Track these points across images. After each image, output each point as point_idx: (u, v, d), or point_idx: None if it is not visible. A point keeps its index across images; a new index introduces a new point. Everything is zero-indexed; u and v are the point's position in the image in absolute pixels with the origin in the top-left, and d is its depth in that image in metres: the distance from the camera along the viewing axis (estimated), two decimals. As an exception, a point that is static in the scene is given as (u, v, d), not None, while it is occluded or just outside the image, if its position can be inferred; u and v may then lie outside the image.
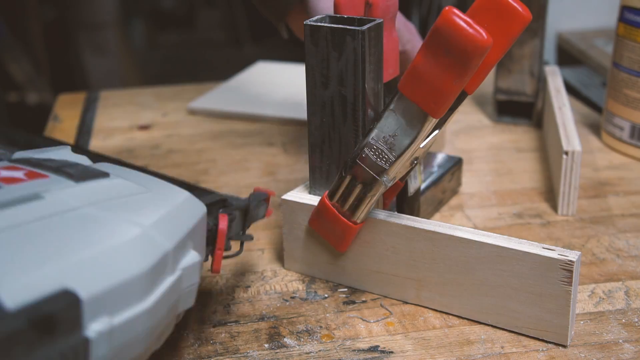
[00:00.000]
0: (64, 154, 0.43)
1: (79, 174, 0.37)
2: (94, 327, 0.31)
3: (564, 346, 0.45)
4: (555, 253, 0.44)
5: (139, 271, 0.33)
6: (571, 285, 0.43)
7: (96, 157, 0.50)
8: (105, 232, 0.33)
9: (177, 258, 0.37)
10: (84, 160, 0.43)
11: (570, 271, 0.43)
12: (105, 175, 0.39)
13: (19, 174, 0.37)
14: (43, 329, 0.28)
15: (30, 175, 0.36)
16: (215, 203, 0.46)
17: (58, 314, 0.29)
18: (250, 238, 0.50)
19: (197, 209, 0.40)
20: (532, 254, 0.44)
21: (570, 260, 0.43)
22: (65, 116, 0.91)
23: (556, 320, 0.44)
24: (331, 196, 0.49)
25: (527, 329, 0.46)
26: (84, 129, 0.86)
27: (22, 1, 1.87)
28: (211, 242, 0.45)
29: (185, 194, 0.40)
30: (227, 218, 0.45)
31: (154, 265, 0.34)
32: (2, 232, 0.31)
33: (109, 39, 2.02)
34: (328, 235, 0.50)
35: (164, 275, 0.35)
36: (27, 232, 0.32)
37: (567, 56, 1.22)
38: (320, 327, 0.48)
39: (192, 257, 0.39)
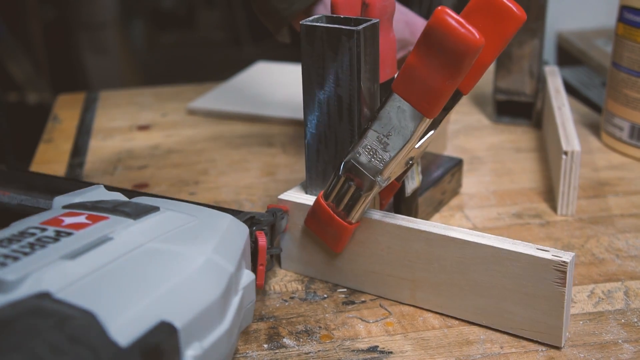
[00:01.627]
0: (101, 194, 0.46)
1: (135, 212, 0.41)
2: (190, 353, 0.34)
3: (559, 348, 0.45)
4: (549, 254, 0.43)
5: (216, 296, 0.36)
6: (565, 287, 0.43)
7: (128, 192, 0.52)
8: (176, 264, 0.36)
9: (238, 279, 0.40)
10: (119, 196, 0.46)
11: (564, 272, 0.43)
12: (156, 209, 0.42)
13: (81, 219, 0.39)
14: (155, 356, 0.32)
15: (93, 219, 0.39)
16: (246, 221, 0.48)
17: (162, 345, 0.32)
18: (280, 250, 0.52)
19: (242, 229, 0.43)
20: (526, 255, 0.44)
21: (564, 261, 0.43)
22: (65, 116, 0.91)
23: (550, 322, 0.44)
24: (326, 196, 0.49)
25: (521, 330, 0.46)
26: (84, 129, 0.86)
27: (22, 1, 1.87)
28: (252, 258, 0.46)
29: (228, 217, 0.43)
30: (264, 234, 0.47)
31: (225, 289, 0.37)
32: (88, 276, 0.34)
33: (109, 39, 2.02)
34: (324, 235, 0.50)
35: (231, 296, 0.38)
36: (110, 273, 0.35)
37: (567, 56, 1.22)
38: (320, 327, 0.48)
39: (248, 276, 0.42)
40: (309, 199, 0.52)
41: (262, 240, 0.46)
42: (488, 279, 0.46)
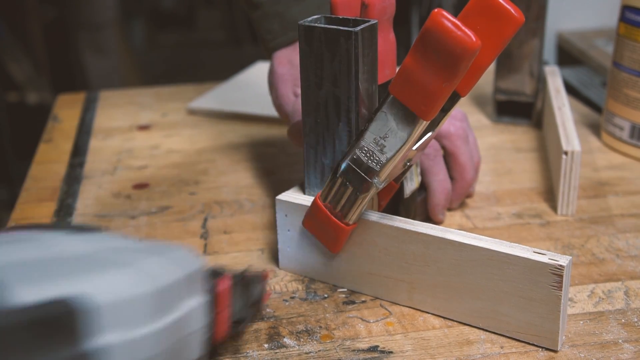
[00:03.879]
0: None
1: (74, 228, 0.38)
2: (104, 339, 0.31)
3: (555, 351, 0.45)
4: (545, 257, 0.43)
5: (141, 293, 0.33)
6: (561, 290, 0.43)
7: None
8: (104, 265, 0.34)
9: (178, 296, 0.37)
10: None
11: (561, 276, 0.43)
12: (98, 229, 0.39)
13: (13, 232, 0.37)
14: (43, 332, 0.29)
15: (26, 230, 0.37)
16: (213, 272, 0.43)
17: (61, 319, 0.30)
18: (246, 322, 0.46)
19: (194, 259, 0.40)
20: (523, 258, 0.44)
21: (561, 265, 0.43)
22: (65, 116, 0.91)
23: (546, 325, 0.44)
24: (324, 197, 0.49)
25: (517, 333, 0.46)
26: (84, 129, 0.86)
27: (22, 1, 1.87)
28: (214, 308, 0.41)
29: (181, 247, 0.40)
30: (229, 279, 0.42)
31: (151, 292, 0.34)
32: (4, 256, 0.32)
33: (109, 39, 2.02)
34: (321, 236, 0.50)
35: (163, 306, 0.35)
36: (31, 261, 0.32)
37: (567, 56, 1.22)
38: (320, 327, 0.48)
39: (196, 300, 0.38)
40: (307, 200, 0.52)
41: (223, 285, 0.41)
42: (485, 282, 0.46)
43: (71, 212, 0.65)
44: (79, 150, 0.80)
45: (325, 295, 0.52)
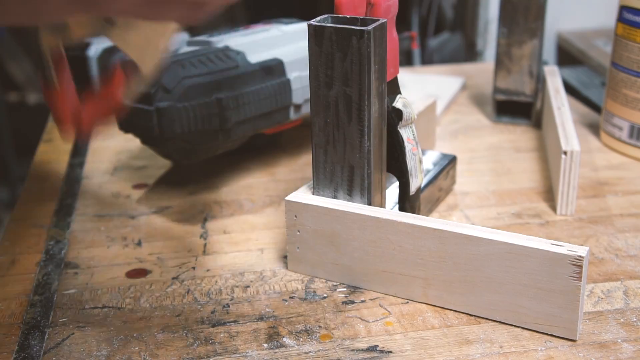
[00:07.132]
0: None
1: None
2: (292, 75, 0.66)
3: (573, 340, 0.45)
4: (564, 249, 0.44)
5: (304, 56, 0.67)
6: (581, 281, 0.44)
7: None
8: (290, 41, 0.72)
9: None
10: None
11: (580, 266, 0.43)
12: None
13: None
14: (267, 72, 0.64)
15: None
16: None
17: (273, 66, 0.65)
18: None
19: None
20: (542, 250, 0.44)
21: (580, 256, 0.43)
22: (65, 116, 0.91)
23: (565, 316, 0.45)
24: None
25: (535, 324, 0.46)
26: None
27: (22, 1, 1.87)
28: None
29: None
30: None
31: None
32: None
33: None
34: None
35: None
36: (257, 41, 0.68)
37: (567, 56, 1.22)
38: (319, 326, 0.48)
39: None
40: (316, 200, 0.52)
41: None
42: (502, 275, 0.46)
43: (71, 212, 0.65)
44: (79, 151, 0.80)
45: (325, 295, 0.52)
